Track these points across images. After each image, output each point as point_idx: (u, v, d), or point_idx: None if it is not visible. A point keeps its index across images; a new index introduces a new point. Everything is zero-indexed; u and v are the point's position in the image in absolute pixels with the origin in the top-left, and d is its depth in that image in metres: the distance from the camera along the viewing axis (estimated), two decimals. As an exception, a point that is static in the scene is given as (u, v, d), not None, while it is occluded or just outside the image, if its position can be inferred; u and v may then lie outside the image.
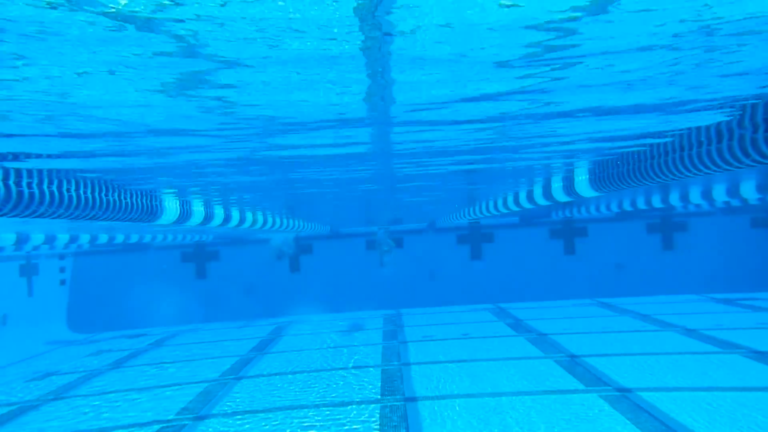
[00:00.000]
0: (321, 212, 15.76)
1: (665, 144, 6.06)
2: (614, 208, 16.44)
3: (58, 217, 6.27)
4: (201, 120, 4.23)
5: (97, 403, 9.45)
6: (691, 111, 4.76)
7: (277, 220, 14.84)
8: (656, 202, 14.02)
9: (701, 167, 5.25)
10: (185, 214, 9.53)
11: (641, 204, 14.78)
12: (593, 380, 8.71)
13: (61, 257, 20.28)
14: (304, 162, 6.72)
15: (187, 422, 7.89)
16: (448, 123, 5.07)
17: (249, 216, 12.74)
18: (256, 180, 7.92)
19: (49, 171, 5.78)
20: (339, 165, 7.24)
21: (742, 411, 6.93)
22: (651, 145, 6.39)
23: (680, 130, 5.55)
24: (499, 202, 12.92)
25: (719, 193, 11.80)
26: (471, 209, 15.89)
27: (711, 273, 19.26)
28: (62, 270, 20.67)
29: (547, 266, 20.68)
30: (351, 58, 2.96)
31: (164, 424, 7.84)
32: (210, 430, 7.49)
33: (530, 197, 10.79)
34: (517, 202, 11.57)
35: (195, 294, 20.90)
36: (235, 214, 11.82)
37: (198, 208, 10.19)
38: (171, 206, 9.02)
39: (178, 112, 3.92)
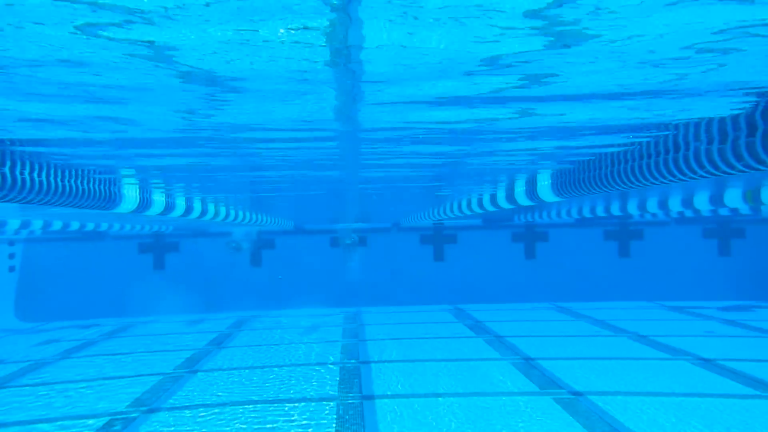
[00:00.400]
0: (284, 206, 15.61)
1: (629, 150, 6.22)
2: (575, 214, 16.82)
3: (10, 201, 6.04)
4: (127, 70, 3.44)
5: (45, 392, 9.14)
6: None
7: (240, 214, 14.64)
8: (615, 209, 14.41)
9: (658, 176, 5.42)
10: (145, 203, 9.30)
11: (600, 211, 15.16)
12: (548, 383, 8.89)
13: (11, 243, 19.52)
14: (260, 139, 6.25)
15: (137, 414, 7.70)
16: (428, 101, 4.45)
17: (211, 208, 12.53)
18: (211, 161, 7.48)
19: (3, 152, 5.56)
20: (301, 148, 6.82)
21: (685, 416, 7.19)
22: (615, 150, 6.55)
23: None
24: (464, 204, 13.05)
25: (675, 203, 12.21)
26: (435, 210, 16.01)
27: (663, 281, 19.91)
28: (11, 256, 19.90)
29: (508, 269, 21.00)
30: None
31: (115, 416, 7.64)
32: (161, 423, 7.34)
33: (494, 200, 10.94)
34: (480, 204, 11.71)
35: (152, 286, 20.42)
36: (197, 206, 11.60)
37: (159, 198, 9.96)
38: (130, 194, 8.79)
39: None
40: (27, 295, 19.57)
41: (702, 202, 11.41)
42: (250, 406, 7.91)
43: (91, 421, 7.48)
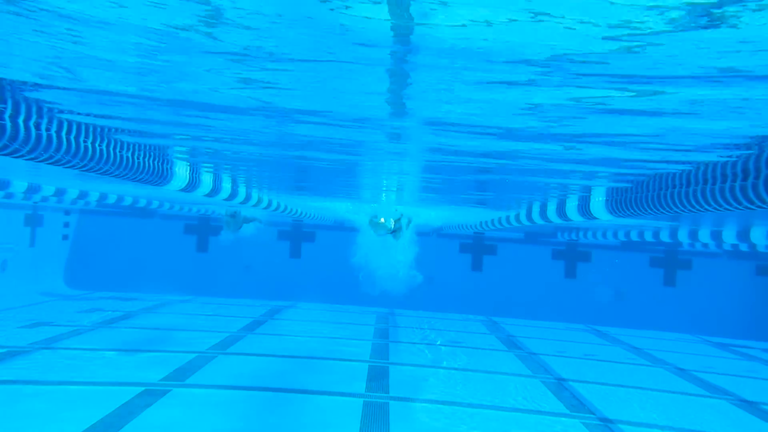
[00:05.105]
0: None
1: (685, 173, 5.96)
2: (621, 236, 16.34)
3: (71, 166, 6.28)
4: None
5: (85, 357, 9.49)
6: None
7: (282, 204, 14.82)
8: (664, 235, 13.91)
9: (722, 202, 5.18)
10: (193, 182, 9.53)
11: (648, 236, 14.67)
12: (578, 406, 8.66)
13: (67, 212, 20.37)
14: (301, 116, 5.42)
15: (171, 388, 7.91)
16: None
17: (254, 195, 12.72)
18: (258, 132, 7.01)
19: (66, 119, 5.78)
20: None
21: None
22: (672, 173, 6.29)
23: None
24: (511, 215, 12.81)
25: (729, 235, 11.69)
26: (476, 221, 15.77)
27: (708, 315, 19.13)
28: (66, 225, 20.77)
29: (546, 286, 20.59)
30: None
31: (149, 387, 7.86)
32: (193, 399, 7.51)
33: (543, 213, 10.69)
34: (529, 216, 11.47)
35: (193, 267, 20.96)
36: (242, 190, 11.81)
37: (206, 179, 10.19)
38: (181, 173, 9.02)
39: None
40: (76, 264, 20.39)
41: (759, 236, 10.89)
42: (279, 393, 8.01)
43: (126, 389, 7.72)
